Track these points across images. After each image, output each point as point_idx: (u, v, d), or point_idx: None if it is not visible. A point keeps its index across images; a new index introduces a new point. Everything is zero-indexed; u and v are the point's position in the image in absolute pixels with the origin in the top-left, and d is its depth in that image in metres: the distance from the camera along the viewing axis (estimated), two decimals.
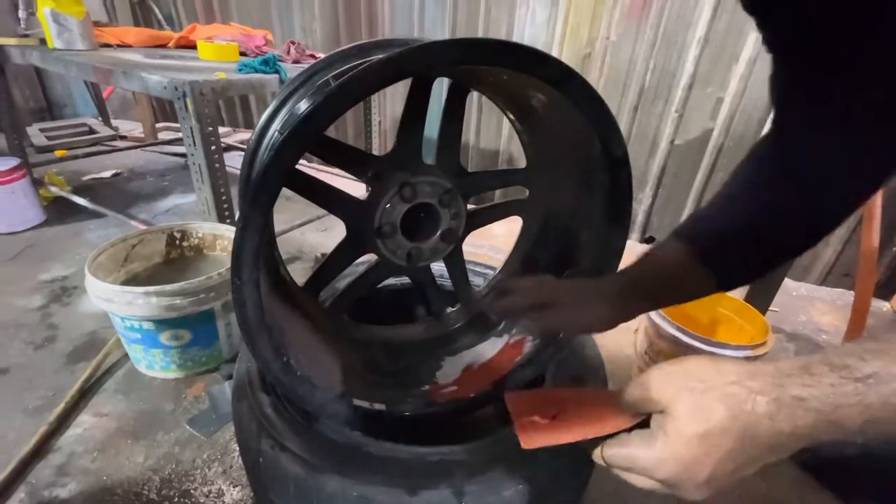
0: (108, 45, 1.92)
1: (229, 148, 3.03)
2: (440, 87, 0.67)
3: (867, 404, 0.28)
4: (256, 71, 1.41)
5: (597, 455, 0.39)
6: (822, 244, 1.89)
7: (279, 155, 0.48)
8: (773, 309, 1.49)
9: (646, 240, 2.27)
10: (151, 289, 0.99)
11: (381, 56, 0.46)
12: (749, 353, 1.01)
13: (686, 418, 0.33)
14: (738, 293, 1.52)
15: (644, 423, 0.38)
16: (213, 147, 1.27)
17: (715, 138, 1.94)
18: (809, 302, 1.82)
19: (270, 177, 0.49)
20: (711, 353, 1.02)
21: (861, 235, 1.05)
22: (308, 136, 0.48)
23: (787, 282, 1.85)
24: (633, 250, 0.60)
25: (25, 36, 1.96)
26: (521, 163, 0.86)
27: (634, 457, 0.36)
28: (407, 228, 0.73)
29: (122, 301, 1.00)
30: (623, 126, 2.11)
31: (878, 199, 1.03)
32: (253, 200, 0.49)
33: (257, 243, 0.52)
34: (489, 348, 0.87)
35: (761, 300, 1.30)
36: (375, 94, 1.01)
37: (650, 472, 0.35)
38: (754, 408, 0.31)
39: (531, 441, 0.44)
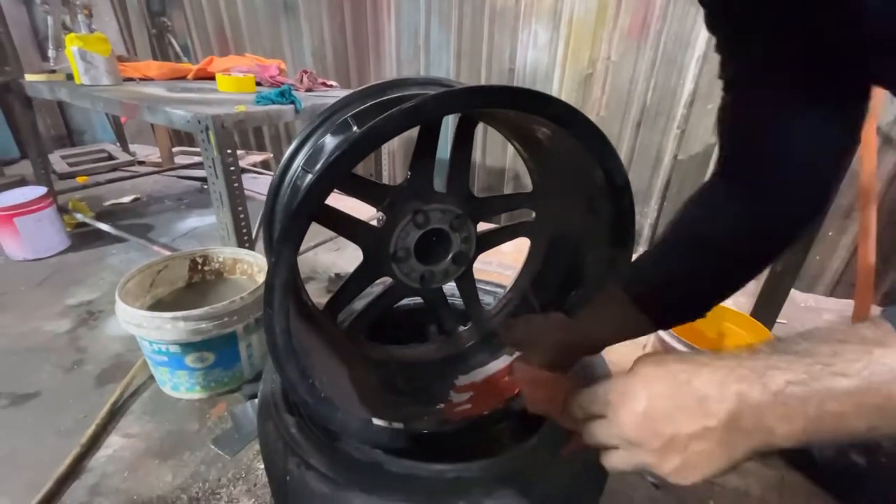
0: (131, 79, 2.02)
1: (243, 171, 3.13)
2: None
3: (791, 369, 0.32)
4: (273, 102, 1.49)
5: (571, 401, 0.44)
6: (830, 255, 1.90)
7: (308, 196, 0.53)
8: (780, 321, 1.50)
9: None
10: (179, 314, 1.05)
11: (401, 105, 0.51)
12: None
13: (643, 362, 0.38)
14: (745, 305, 1.54)
15: None
16: (233, 176, 1.33)
17: (717, 153, 1.97)
18: (817, 313, 1.82)
19: (301, 216, 0.53)
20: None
21: (858, 252, 1.07)
22: (335, 178, 0.53)
23: (795, 293, 1.86)
24: None
25: (52, 72, 2.07)
26: (527, 181, 0.90)
27: (594, 389, 0.41)
28: (420, 253, 0.77)
29: (151, 326, 1.05)
30: (626, 143, 2.16)
31: (873, 215, 1.05)
32: (284, 237, 0.54)
33: (287, 275, 0.56)
34: (501, 366, 0.90)
35: (768, 312, 1.32)
36: None
37: (600, 398, 0.40)
38: (701, 362, 0.36)
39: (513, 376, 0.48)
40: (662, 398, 0.35)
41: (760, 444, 0.33)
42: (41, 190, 2.00)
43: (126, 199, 2.75)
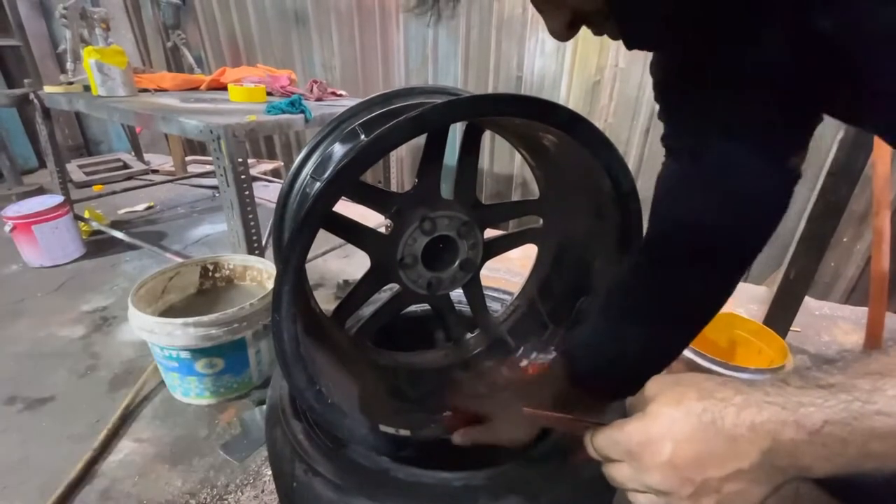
0: (146, 91, 2.06)
1: (254, 179, 3.17)
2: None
3: (828, 406, 0.30)
4: (284, 112, 1.51)
5: (587, 442, 0.42)
6: (845, 261, 1.86)
7: (317, 204, 0.53)
8: (794, 329, 1.47)
9: None
10: (189, 320, 1.06)
11: (407, 113, 0.52)
12: (768, 376, 1.01)
13: (660, 401, 0.36)
14: (757, 313, 1.51)
15: None
16: (244, 185, 1.35)
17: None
18: (832, 321, 1.78)
19: (309, 223, 0.54)
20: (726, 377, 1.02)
21: (871, 258, 1.05)
22: (343, 186, 0.53)
23: (809, 301, 1.83)
24: None
25: (70, 84, 2.13)
26: (535, 188, 0.90)
27: (612, 435, 0.38)
28: (427, 259, 0.78)
29: (162, 332, 1.07)
30: (635, 149, 2.15)
31: (887, 221, 1.03)
32: (293, 244, 0.55)
33: (295, 282, 0.57)
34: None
35: (781, 320, 1.29)
36: None
37: (621, 446, 0.37)
38: (724, 397, 0.34)
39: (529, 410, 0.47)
40: (688, 443, 0.33)
41: (795, 477, 0.32)
42: (58, 198, 2.05)
43: (140, 207, 2.80)
